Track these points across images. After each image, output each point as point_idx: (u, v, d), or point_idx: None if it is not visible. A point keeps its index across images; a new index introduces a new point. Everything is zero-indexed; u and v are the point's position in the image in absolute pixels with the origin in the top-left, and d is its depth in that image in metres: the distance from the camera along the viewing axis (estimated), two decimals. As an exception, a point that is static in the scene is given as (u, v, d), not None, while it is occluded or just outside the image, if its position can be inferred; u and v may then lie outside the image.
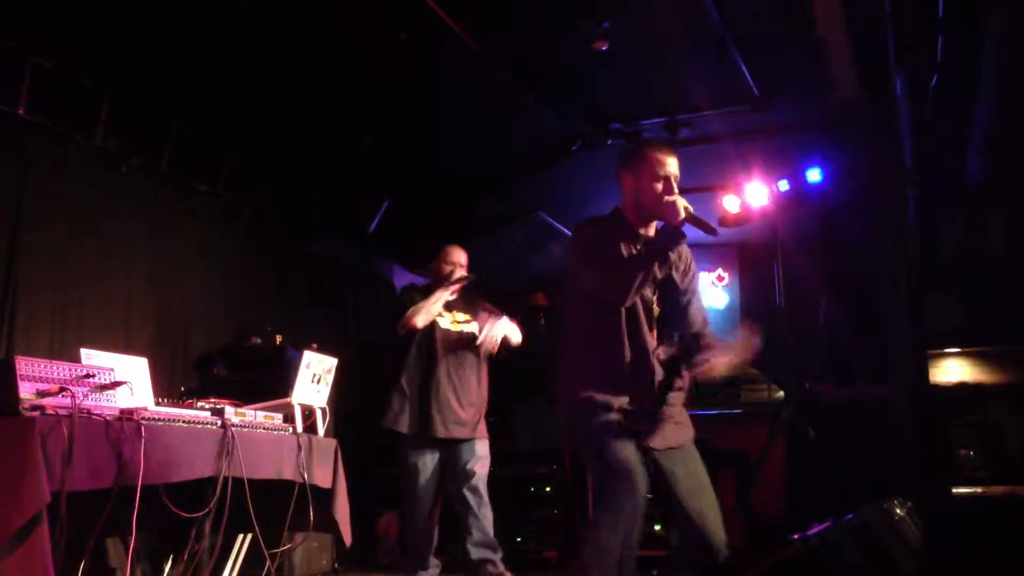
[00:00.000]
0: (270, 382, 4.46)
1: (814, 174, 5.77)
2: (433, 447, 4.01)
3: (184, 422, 2.90)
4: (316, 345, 4.41)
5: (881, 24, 4.31)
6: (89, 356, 2.88)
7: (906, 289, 5.05)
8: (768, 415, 5.54)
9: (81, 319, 4.32)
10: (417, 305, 4.06)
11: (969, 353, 5.39)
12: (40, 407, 2.43)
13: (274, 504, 3.34)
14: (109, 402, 2.67)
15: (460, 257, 4.28)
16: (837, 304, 6.49)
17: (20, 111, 4.02)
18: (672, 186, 2.67)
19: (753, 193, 5.78)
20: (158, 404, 2.99)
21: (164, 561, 3.38)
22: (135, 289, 4.66)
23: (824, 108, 5.14)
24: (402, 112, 5.01)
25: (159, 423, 2.75)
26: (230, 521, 3.04)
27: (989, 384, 5.26)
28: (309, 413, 3.82)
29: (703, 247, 7.48)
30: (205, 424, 2.98)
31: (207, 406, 3.13)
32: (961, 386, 5.28)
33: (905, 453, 4.76)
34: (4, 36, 3.85)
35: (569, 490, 5.61)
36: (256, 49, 4.29)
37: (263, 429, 3.30)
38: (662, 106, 5.14)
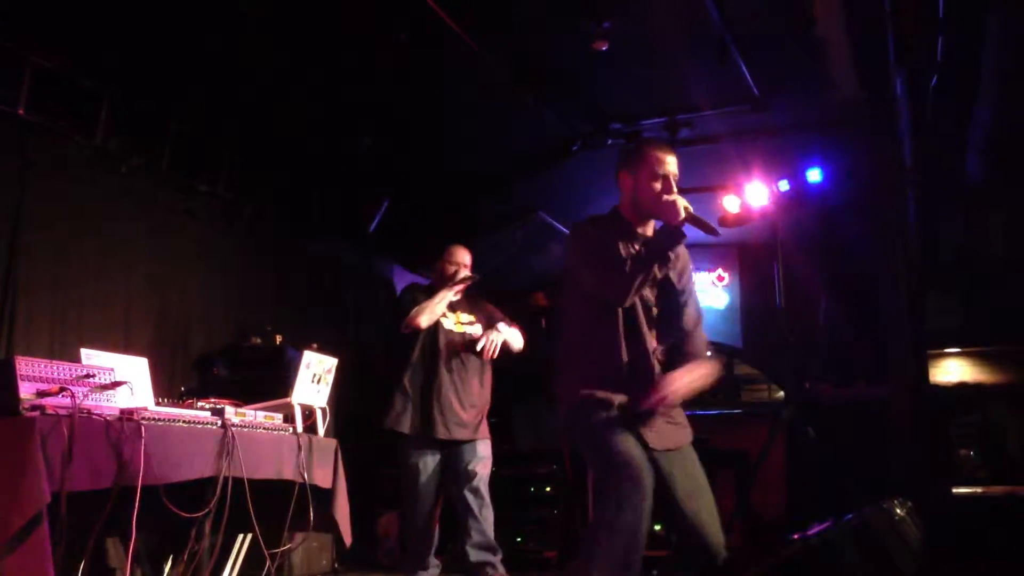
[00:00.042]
0: (270, 382, 4.46)
1: (814, 174, 5.77)
2: (434, 447, 4.00)
3: (184, 422, 2.90)
4: (316, 345, 4.41)
5: (881, 24, 4.31)
6: (89, 356, 2.88)
7: (906, 289, 5.05)
8: (768, 415, 5.53)
9: (81, 319, 4.32)
10: (421, 305, 4.04)
11: (969, 353, 5.39)
12: (40, 407, 2.43)
13: (274, 504, 3.34)
14: (109, 402, 2.67)
15: (464, 257, 4.26)
16: (837, 304, 6.50)
17: (20, 111, 4.02)
18: (671, 185, 2.66)
19: (753, 193, 5.78)
20: (158, 404, 2.99)
21: (164, 561, 3.38)
22: (135, 289, 4.66)
23: (824, 108, 5.14)
24: (402, 112, 5.01)
25: (159, 423, 2.75)
26: (230, 521, 3.04)
27: (989, 384, 5.26)
28: (309, 413, 3.82)
29: (703, 247, 7.49)
30: (205, 424, 2.98)
31: (207, 406, 3.13)
32: (961, 386, 5.28)
33: (905, 453, 4.75)
34: (4, 36, 3.85)
35: (569, 490, 5.61)
36: (256, 49, 4.29)
37: (263, 429, 3.30)
38: (662, 106, 5.15)
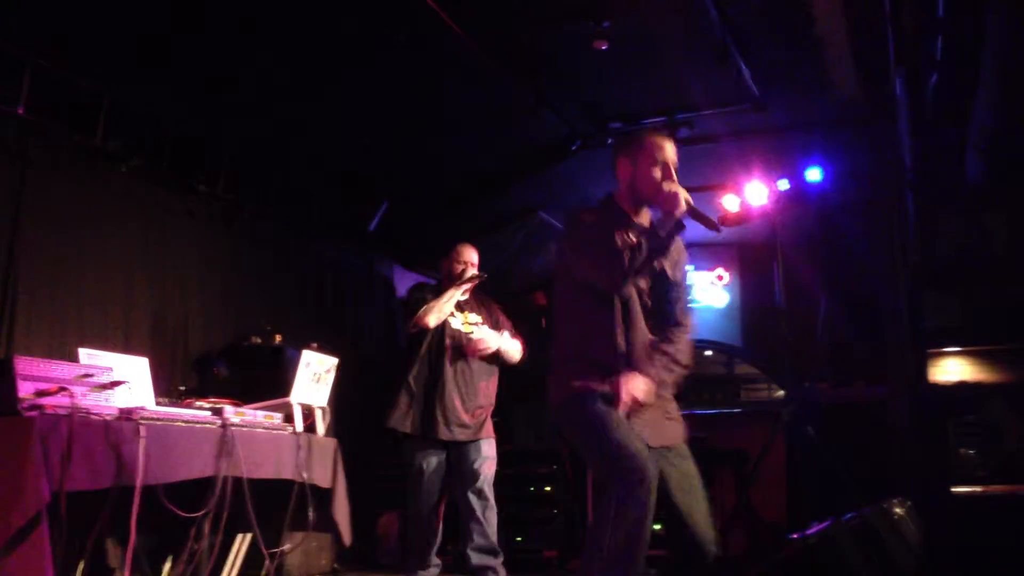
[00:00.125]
0: (270, 382, 4.45)
1: (814, 173, 5.77)
2: (437, 447, 3.98)
3: (183, 422, 2.90)
4: (316, 345, 4.41)
5: (881, 24, 4.31)
6: (88, 356, 2.88)
7: (905, 288, 5.06)
8: (768, 414, 5.54)
9: (80, 319, 4.32)
10: (429, 304, 4.02)
11: (969, 352, 5.38)
12: (39, 407, 2.43)
13: (273, 504, 3.34)
14: (108, 402, 2.68)
15: (472, 255, 4.24)
16: (837, 303, 6.49)
17: (19, 111, 4.02)
18: (671, 173, 2.64)
19: (753, 192, 5.78)
20: (157, 404, 2.99)
21: (163, 561, 3.38)
22: (135, 289, 4.66)
23: (824, 108, 5.14)
24: (402, 112, 5.01)
25: (158, 423, 2.75)
26: (229, 521, 3.04)
27: (989, 383, 5.25)
28: (309, 413, 3.82)
29: (703, 246, 7.49)
30: (204, 424, 2.99)
31: (206, 406, 3.14)
32: (960, 385, 5.27)
33: (905, 452, 4.76)
34: (3, 36, 3.84)
35: (570, 489, 5.61)
36: (255, 48, 4.28)
37: (263, 429, 3.31)
38: (662, 105, 5.14)
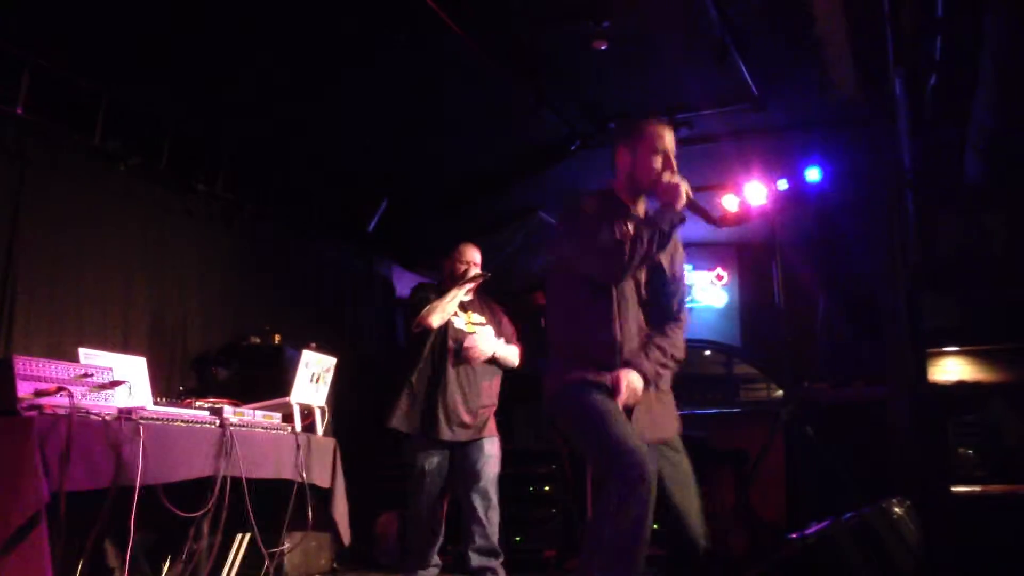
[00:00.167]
0: (269, 382, 4.46)
1: (813, 173, 5.78)
2: (439, 447, 3.96)
3: (183, 422, 2.90)
4: (315, 344, 4.41)
5: (880, 24, 4.31)
6: (87, 356, 2.88)
7: (904, 288, 5.06)
8: (767, 414, 5.54)
9: (79, 319, 4.31)
10: (432, 304, 4.01)
11: (968, 352, 5.39)
12: (38, 407, 2.43)
13: (272, 504, 3.34)
14: (107, 402, 2.67)
15: (474, 255, 4.22)
16: (835, 303, 6.50)
17: (18, 110, 4.02)
18: (671, 163, 2.62)
19: (752, 192, 5.79)
20: (156, 404, 2.99)
21: (162, 561, 3.37)
22: (134, 289, 4.65)
23: (823, 108, 5.14)
24: (402, 112, 5.01)
25: (157, 423, 2.75)
26: (228, 521, 3.04)
27: (988, 383, 5.26)
28: (308, 412, 3.81)
29: (702, 246, 7.49)
30: (203, 424, 2.98)
31: (205, 406, 3.13)
32: (960, 385, 5.28)
33: (904, 452, 4.76)
34: (2, 36, 3.84)
35: (569, 488, 5.61)
36: (255, 48, 4.28)
37: (262, 428, 3.30)
38: (661, 105, 5.14)
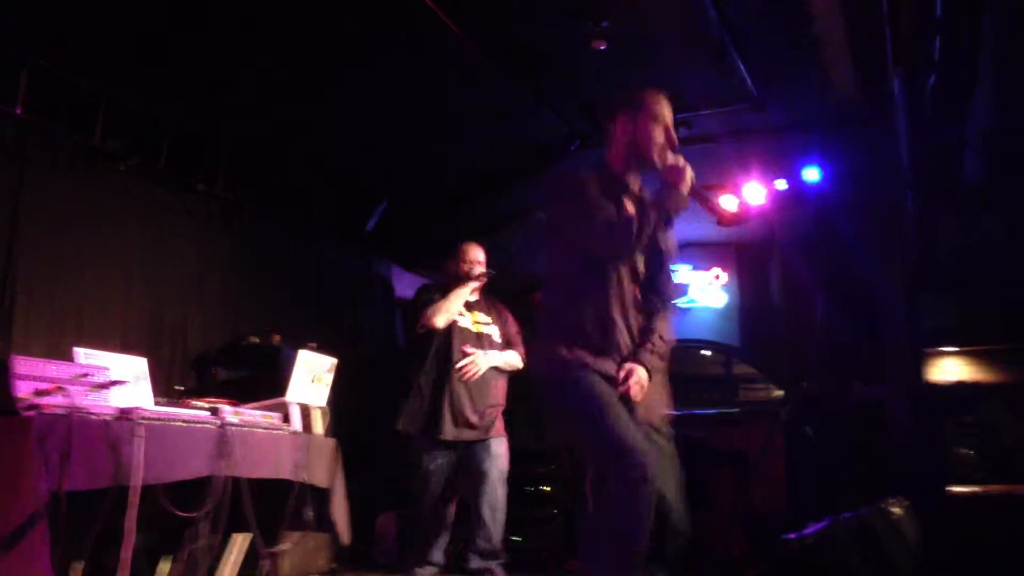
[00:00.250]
0: (268, 382, 4.45)
1: (812, 174, 5.78)
2: (445, 448, 3.95)
3: (181, 421, 2.90)
4: (314, 345, 4.40)
5: (879, 24, 4.31)
6: (86, 355, 2.88)
7: (903, 288, 5.06)
8: (766, 415, 5.54)
9: (79, 319, 4.31)
10: (436, 304, 3.99)
11: (966, 352, 5.39)
12: (37, 406, 2.43)
13: (271, 504, 3.34)
14: (106, 402, 2.67)
15: (478, 254, 4.20)
16: (834, 304, 6.50)
17: (18, 110, 4.02)
18: (672, 135, 2.60)
19: (751, 192, 5.80)
20: (156, 404, 2.99)
21: (161, 561, 3.37)
22: (133, 288, 4.66)
23: (822, 108, 5.14)
24: (401, 112, 5.01)
25: (156, 423, 2.75)
26: (227, 521, 3.04)
27: (986, 383, 5.26)
28: (307, 412, 3.81)
29: (701, 246, 7.49)
30: (202, 424, 2.98)
31: (204, 405, 3.13)
32: (958, 385, 5.28)
33: (902, 452, 4.76)
34: (1, 36, 3.84)
35: (568, 489, 5.61)
36: (254, 48, 4.28)
37: (261, 428, 3.30)
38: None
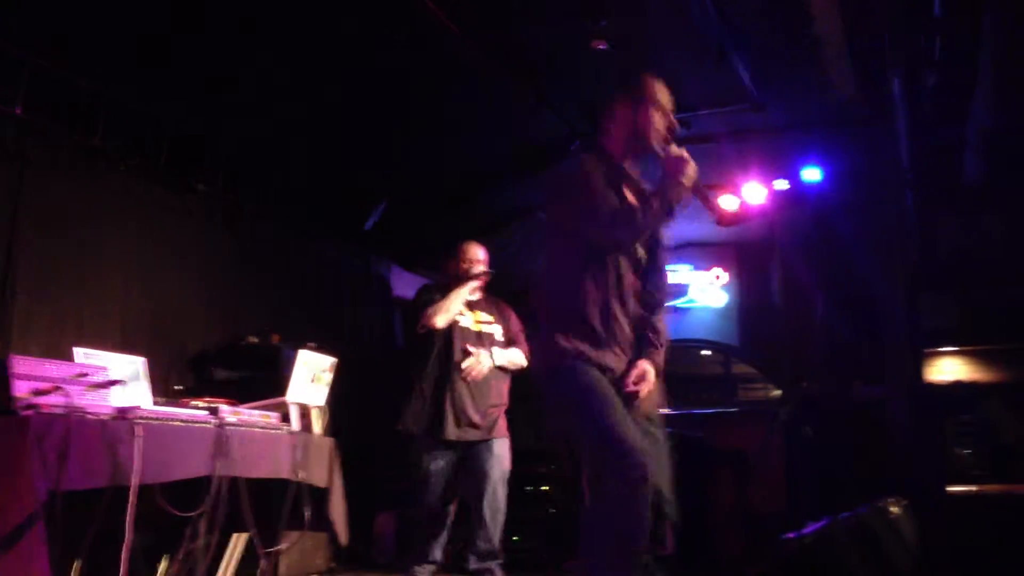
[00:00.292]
0: (267, 382, 4.44)
1: (812, 173, 5.78)
2: (446, 448, 3.94)
3: (180, 421, 2.90)
4: (313, 344, 4.40)
5: (879, 23, 4.31)
6: (84, 355, 2.88)
7: (903, 288, 5.06)
8: (765, 414, 5.55)
9: (78, 318, 4.31)
10: (436, 304, 3.97)
11: (965, 352, 5.40)
12: (35, 406, 2.42)
13: (270, 503, 3.34)
14: (104, 401, 2.67)
15: (478, 253, 4.17)
16: (834, 303, 6.50)
17: (17, 110, 4.01)
18: (673, 122, 2.59)
19: (751, 192, 5.80)
20: (154, 403, 2.99)
21: (159, 560, 3.37)
22: (132, 288, 4.65)
23: (822, 108, 5.14)
24: (401, 111, 5.01)
25: (155, 422, 2.74)
26: (225, 520, 3.04)
27: (985, 383, 5.27)
28: (306, 412, 3.81)
29: (701, 246, 7.48)
30: (201, 423, 2.98)
31: (203, 405, 3.13)
32: (957, 385, 5.28)
33: (901, 452, 4.76)
34: (1, 36, 3.84)
35: (567, 489, 5.60)
36: (254, 47, 4.28)
37: (259, 428, 3.30)
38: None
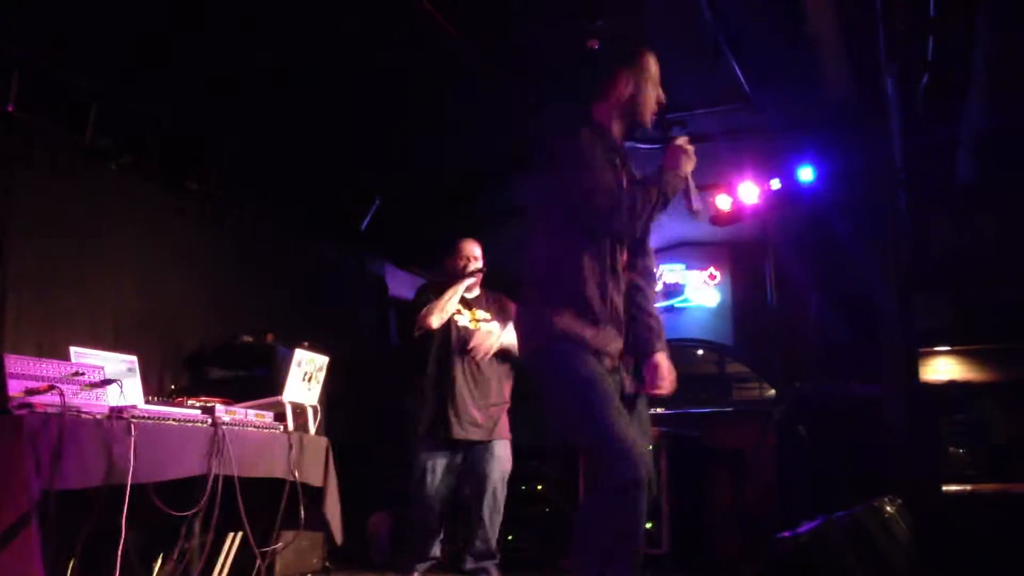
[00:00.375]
0: (261, 381, 4.44)
1: (806, 173, 5.80)
2: (447, 448, 3.93)
3: (174, 420, 2.89)
4: (307, 343, 4.39)
5: (872, 23, 4.32)
6: (78, 354, 2.86)
7: (896, 288, 5.08)
8: (759, 413, 5.55)
9: (71, 317, 4.29)
10: (430, 305, 3.95)
11: (959, 352, 5.42)
12: (29, 405, 2.41)
13: (265, 503, 3.33)
14: (99, 400, 2.66)
15: (473, 249, 4.15)
16: (828, 303, 6.52)
17: (9, 108, 4.00)
18: (662, 96, 2.61)
19: (745, 192, 5.82)
20: (148, 402, 2.98)
21: (154, 560, 3.36)
22: (125, 287, 4.63)
23: (816, 107, 5.15)
24: (398, 110, 5.00)
25: (149, 421, 2.73)
26: (220, 520, 3.03)
27: (979, 382, 5.29)
28: (300, 411, 3.80)
29: (695, 245, 7.49)
30: (195, 422, 2.97)
31: (197, 404, 3.12)
32: (951, 384, 5.31)
33: (896, 451, 4.78)
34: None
35: (561, 488, 5.60)
36: (248, 46, 4.27)
37: (254, 427, 3.29)
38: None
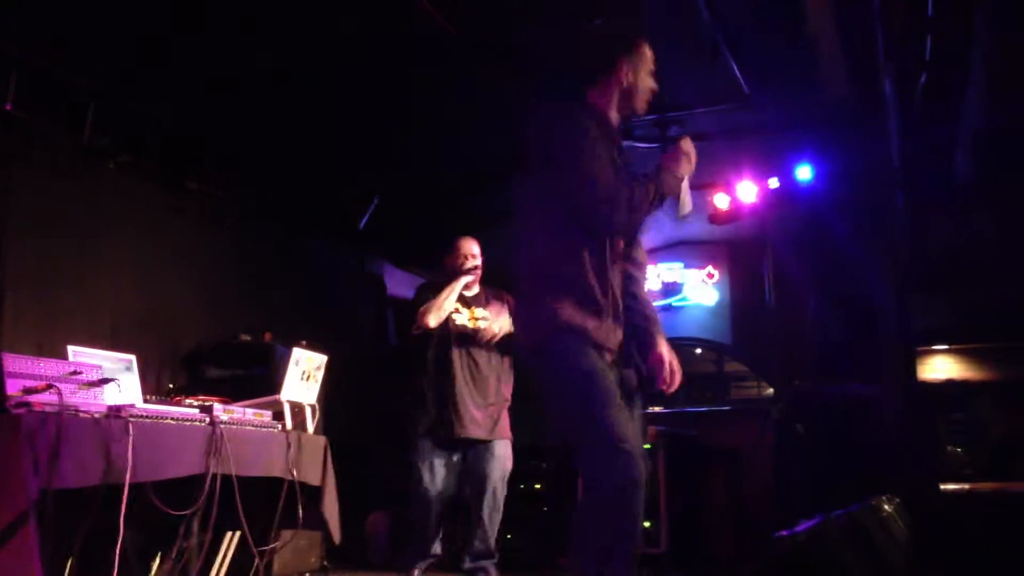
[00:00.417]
0: (260, 380, 4.44)
1: (804, 172, 5.80)
2: (447, 447, 3.93)
3: (172, 419, 2.89)
4: (305, 342, 4.39)
5: (871, 23, 4.32)
6: (76, 353, 2.87)
7: (895, 287, 5.09)
8: (757, 412, 5.56)
9: (69, 317, 4.29)
10: (428, 304, 3.94)
11: (957, 351, 5.42)
12: (27, 404, 2.41)
13: (263, 502, 3.33)
14: (97, 399, 2.66)
15: (471, 247, 4.14)
16: (826, 302, 6.52)
17: (7, 107, 3.99)
18: (655, 87, 2.63)
19: (743, 191, 5.82)
20: (146, 401, 2.98)
21: (152, 559, 3.36)
22: (123, 286, 4.63)
23: (814, 107, 5.16)
24: (397, 110, 5.00)
25: (147, 420, 2.73)
26: (218, 519, 3.02)
27: (977, 381, 5.29)
28: (299, 410, 3.80)
29: (693, 244, 7.49)
30: (193, 421, 2.97)
31: (195, 403, 3.12)
32: (949, 383, 5.31)
33: (894, 450, 4.78)
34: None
35: (559, 487, 5.61)
36: (247, 45, 4.27)
37: (252, 426, 3.29)
38: (653, 104, 5.12)
